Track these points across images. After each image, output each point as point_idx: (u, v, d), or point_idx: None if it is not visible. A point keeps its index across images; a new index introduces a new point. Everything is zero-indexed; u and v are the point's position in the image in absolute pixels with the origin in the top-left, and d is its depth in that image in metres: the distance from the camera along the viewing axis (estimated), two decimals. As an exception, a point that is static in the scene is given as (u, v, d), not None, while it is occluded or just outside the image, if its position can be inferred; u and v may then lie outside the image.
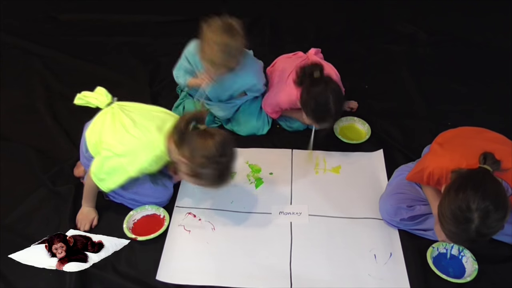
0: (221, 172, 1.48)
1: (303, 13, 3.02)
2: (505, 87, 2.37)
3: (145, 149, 1.55)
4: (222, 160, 1.45)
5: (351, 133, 2.10)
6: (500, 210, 1.24)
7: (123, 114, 1.62)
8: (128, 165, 1.55)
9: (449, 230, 1.32)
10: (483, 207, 1.24)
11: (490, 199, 1.24)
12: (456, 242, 1.38)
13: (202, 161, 1.44)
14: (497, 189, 1.28)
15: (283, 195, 1.83)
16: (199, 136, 1.45)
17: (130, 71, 2.51)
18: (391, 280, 1.53)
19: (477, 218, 1.24)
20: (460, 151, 1.45)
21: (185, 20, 2.97)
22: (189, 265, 1.59)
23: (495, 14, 2.96)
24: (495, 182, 1.29)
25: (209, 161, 1.44)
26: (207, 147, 1.43)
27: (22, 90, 2.38)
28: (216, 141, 1.44)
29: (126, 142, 1.56)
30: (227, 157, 1.47)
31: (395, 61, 2.58)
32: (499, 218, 1.25)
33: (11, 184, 1.87)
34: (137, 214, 1.73)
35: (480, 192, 1.25)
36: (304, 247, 1.64)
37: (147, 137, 1.56)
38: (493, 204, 1.24)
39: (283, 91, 1.98)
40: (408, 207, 1.64)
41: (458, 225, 1.28)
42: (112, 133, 1.59)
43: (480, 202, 1.24)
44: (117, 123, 1.60)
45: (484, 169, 1.32)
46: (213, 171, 1.46)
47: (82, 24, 2.93)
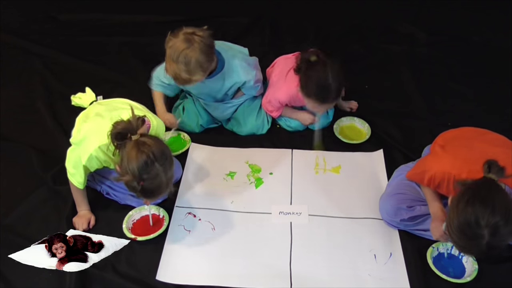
0: (147, 189, 1.44)
1: (303, 13, 3.02)
2: (505, 87, 2.37)
3: (93, 136, 1.56)
4: (145, 177, 1.41)
5: (351, 133, 2.10)
6: (510, 223, 1.23)
7: (92, 108, 1.69)
8: (81, 153, 1.58)
9: (458, 244, 1.31)
10: (493, 223, 1.22)
11: (500, 213, 1.23)
12: (466, 254, 1.37)
13: (125, 176, 1.42)
14: (505, 201, 1.26)
15: (283, 195, 1.83)
16: (129, 147, 1.41)
17: (130, 71, 2.51)
18: (391, 280, 1.54)
19: (488, 235, 1.23)
20: (462, 155, 1.45)
21: (185, 20, 2.92)
22: (189, 265, 1.59)
23: (495, 14, 2.96)
24: (502, 193, 1.28)
25: (132, 177, 1.41)
26: (130, 162, 1.40)
27: (22, 90, 2.38)
28: (141, 158, 1.39)
29: (82, 130, 1.61)
30: (151, 173, 1.41)
31: (395, 61, 2.58)
32: (509, 232, 1.24)
33: (11, 184, 1.87)
34: (137, 214, 1.73)
35: (490, 207, 1.23)
36: (304, 247, 1.64)
37: (98, 124, 1.57)
38: (503, 219, 1.23)
39: (282, 87, 1.99)
40: (408, 208, 1.64)
41: (467, 240, 1.28)
42: (76, 125, 1.67)
43: (490, 218, 1.22)
44: (83, 117, 1.68)
45: (490, 180, 1.30)
46: (135, 184, 1.42)
47: (82, 24, 2.93)
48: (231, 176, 1.91)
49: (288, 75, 1.98)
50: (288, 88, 1.95)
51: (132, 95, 2.34)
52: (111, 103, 1.74)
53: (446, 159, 1.49)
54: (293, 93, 1.94)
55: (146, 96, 2.30)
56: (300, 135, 2.09)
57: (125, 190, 1.71)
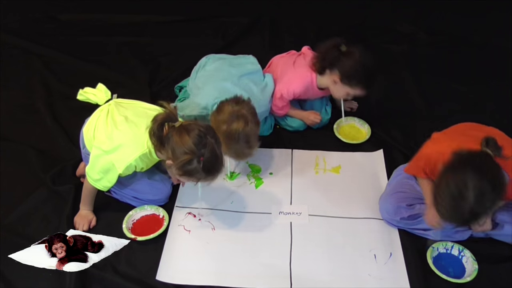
0: (208, 163, 1.47)
1: (303, 13, 3.02)
2: (505, 87, 2.37)
3: (131, 145, 1.56)
4: (203, 151, 1.45)
5: (351, 133, 2.10)
6: (496, 192, 1.25)
7: (117, 111, 1.65)
8: (116, 161, 1.56)
9: (443, 207, 1.32)
10: (479, 185, 1.24)
11: (489, 181, 1.25)
12: (449, 220, 1.36)
13: (185, 158, 1.44)
14: (496, 171, 1.27)
15: (283, 195, 1.83)
16: (176, 134, 1.46)
17: (130, 71, 2.51)
18: (391, 280, 1.53)
19: (472, 197, 1.25)
20: (459, 139, 1.45)
21: (185, 20, 2.97)
22: (189, 265, 1.59)
23: (495, 14, 2.96)
24: (495, 165, 1.29)
25: (191, 155, 1.44)
26: (185, 142, 1.44)
27: (22, 90, 2.39)
28: (193, 134, 1.44)
29: (114, 137, 1.58)
30: (208, 146, 1.46)
31: (395, 61, 2.58)
32: (493, 199, 1.26)
33: (11, 184, 1.87)
34: (136, 214, 1.73)
35: (480, 173, 1.25)
36: (304, 247, 1.64)
37: (134, 133, 1.56)
38: (490, 186, 1.24)
39: (295, 78, 2.00)
40: (408, 206, 1.64)
41: (453, 202, 1.28)
42: (103, 129, 1.62)
43: (478, 182, 1.24)
44: (109, 120, 1.63)
45: (485, 152, 1.31)
46: (196, 163, 1.45)
47: (82, 24, 2.93)
48: (231, 176, 1.91)
49: (296, 68, 2.01)
50: (302, 79, 1.98)
51: (132, 95, 2.34)
52: (136, 107, 1.70)
53: (444, 141, 1.50)
54: (307, 82, 1.97)
55: (146, 96, 2.31)
56: (300, 135, 2.10)
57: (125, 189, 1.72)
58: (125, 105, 1.70)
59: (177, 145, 1.45)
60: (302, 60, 2.05)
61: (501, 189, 1.27)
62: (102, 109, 1.70)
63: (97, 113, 1.70)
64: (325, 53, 1.90)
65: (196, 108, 1.89)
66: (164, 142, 1.48)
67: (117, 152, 1.56)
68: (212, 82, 1.93)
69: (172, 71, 2.49)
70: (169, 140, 1.47)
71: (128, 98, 1.78)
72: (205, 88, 1.92)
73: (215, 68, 2.00)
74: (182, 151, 1.44)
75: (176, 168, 1.48)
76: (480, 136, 1.39)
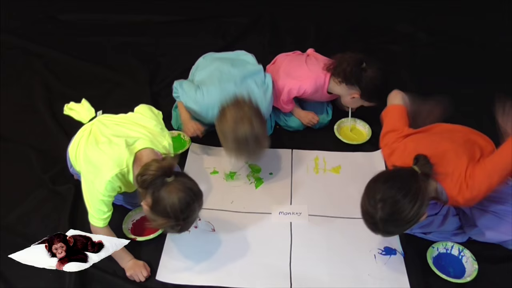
0: (182, 226, 1.42)
1: (303, 13, 3.02)
2: (505, 87, 2.37)
3: (109, 164, 1.47)
4: (185, 217, 1.39)
5: (351, 135, 2.10)
6: (407, 205, 1.30)
7: (99, 129, 1.59)
8: (96, 183, 1.46)
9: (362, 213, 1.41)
10: (386, 197, 1.31)
11: (400, 191, 1.30)
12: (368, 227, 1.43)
13: (163, 222, 1.39)
14: (414, 187, 1.32)
15: (283, 195, 1.83)
16: (165, 191, 1.36)
17: (130, 71, 2.51)
18: (391, 280, 1.54)
19: (380, 209, 1.32)
20: (416, 146, 1.52)
21: (185, 20, 2.97)
22: (189, 265, 1.59)
23: (495, 14, 2.96)
24: (417, 182, 1.33)
25: (171, 221, 1.38)
26: (169, 203, 1.36)
27: (22, 90, 2.39)
28: (182, 198, 1.36)
29: (96, 155, 1.50)
30: (190, 215, 1.40)
31: (395, 61, 2.58)
32: (407, 212, 1.31)
33: (11, 184, 1.87)
34: (136, 215, 1.73)
35: (390, 184, 1.33)
36: (304, 247, 1.64)
37: (114, 153, 1.48)
38: (401, 196, 1.30)
39: (308, 77, 2.00)
40: None
41: (364, 213, 1.39)
42: (85, 149, 1.55)
43: (386, 192, 1.32)
44: (91, 139, 1.57)
45: (411, 170, 1.37)
46: (173, 224, 1.40)
47: (82, 24, 2.93)
48: (231, 176, 1.91)
49: (309, 66, 2.02)
50: (316, 79, 1.98)
51: (132, 95, 2.35)
52: (120, 125, 1.62)
53: (411, 142, 1.57)
54: (320, 84, 1.98)
55: (146, 96, 2.31)
56: (300, 135, 2.10)
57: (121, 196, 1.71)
58: (108, 123, 1.62)
59: (162, 202, 1.36)
60: (314, 61, 2.06)
61: (416, 204, 1.31)
62: (84, 129, 1.64)
63: (80, 133, 1.64)
64: (346, 67, 1.89)
65: (195, 108, 1.91)
66: (148, 188, 1.38)
67: (96, 171, 1.48)
68: (214, 84, 1.91)
69: (172, 71, 2.49)
70: (153, 190, 1.37)
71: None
72: (207, 90, 1.90)
73: (215, 68, 1.98)
74: (163, 209, 1.36)
75: (151, 214, 1.41)
76: (437, 144, 1.49)
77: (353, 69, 1.89)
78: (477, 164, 1.44)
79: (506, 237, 1.54)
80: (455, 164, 1.44)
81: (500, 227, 1.53)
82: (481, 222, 1.56)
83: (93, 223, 1.52)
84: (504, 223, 1.53)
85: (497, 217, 1.54)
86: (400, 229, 1.41)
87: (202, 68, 2.05)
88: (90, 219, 1.52)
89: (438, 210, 1.64)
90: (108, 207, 1.51)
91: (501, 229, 1.53)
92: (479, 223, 1.56)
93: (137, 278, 1.54)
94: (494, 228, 1.54)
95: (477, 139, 1.59)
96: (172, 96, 2.11)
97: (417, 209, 1.31)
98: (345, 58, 1.92)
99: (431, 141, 1.54)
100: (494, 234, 1.54)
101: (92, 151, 1.52)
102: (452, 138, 1.56)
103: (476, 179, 1.41)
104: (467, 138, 1.57)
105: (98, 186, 1.46)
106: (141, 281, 1.53)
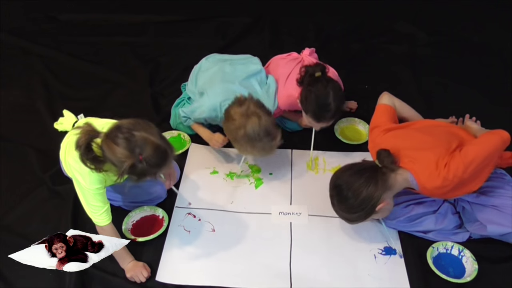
0: (151, 157, 1.37)
1: (303, 13, 3.02)
2: (505, 87, 2.37)
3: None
4: (138, 150, 1.35)
5: (351, 134, 2.10)
6: (350, 199, 1.47)
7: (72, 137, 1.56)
8: (82, 181, 1.48)
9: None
10: (341, 182, 1.50)
11: (351, 178, 1.47)
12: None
13: (125, 166, 1.35)
14: (369, 181, 1.45)
15: (283, 195, 1.83)
16: (105, 148, 1.36)
17: (130, 71, 2.51)
18: (391, 280, 1.54)
19: (332, 190, 1.54)
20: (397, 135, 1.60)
21: (185, 20, 2.97)
22: (188, 265, 1.59)
23: (495, 14, 2.96)
24: (373, 172, 1.47)
25: (130, 161, 1.34)
26: (116, 153, 1.34)
27: (22, 90, 2.39)
28: (119, 140, 1.34)
29: (74, 156, 1.47)
30: (139, 144, 1.35)
31: (395, 61, 2.58)
32: (346, 199, 1.49)
33: (11, 184, 1.87)
34: (136, 215, 1.73)
35: (347, 174, 1.50)
36: (304, 247, 1.64)
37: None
38: (345, 186, 1.48)
39: (282, 93, 1.97)
40: (404, 208, 1.64)
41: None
42: (65, 155, 1.56)
43: (338, 180, 1.52)
44: (71, 142, 1.54)
45: (372, 163, 1.52)
46: (142, 163, 1.36)
47: (82, 24, 2.93)
48: (231, 176, 1.91)
49: (288, 81, 1.97)
50: (288, 95, 1.94)
51: (132, 95, 2.35)
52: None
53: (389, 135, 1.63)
54: (292, 100, 1.92)
55: (146, 96, 2.31)
56: (300, 135, 2.09)
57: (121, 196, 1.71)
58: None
59: (113, 158, 1.35)
60: (297, 72, 1.97)
61: (364, 191, 1.45)
62: (70, 135, 1.63)
63: (65, 139, 1.64)
64: (304, 71, 1.84)
65: (205, 111, 1.88)
66: (100, 161, 1.40)
67: (77, 172, 1.48)
68: (217, 83, 1.90)
69: (172, 71, 2.49)
70: (103, 157, 1.38)
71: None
72: (211, 90, 1.89)
73: (218, 69, 1.97)
74: (119, 161, 1.35)
75: (127, 176, 1.42)
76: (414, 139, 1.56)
77: (305, 71, 1.82)
78: (452, 154, 1.48)
79: (508, 229, 1.54)
80: (427, 154, 1.49)
81: (501, 220, 1.54)
82: (482, 216, 1.56)
83: (97, 223, 1.53)
84: (504, 216, 1.53)
85: (497, 210, 1.54)
86: (352, 212, 1.51)
87: (204, 70, 2.03)
88: (93, 220, 1.53)
89: (436, 208, 1.64)
90: (103, 200, 1.51)
91: (502, 221, 1.54)
92: (480, 217, 1.57)
93: (138, 279, 1.53)
94: (495, 221, 1.54)
95: (458, 131, 1.61)
96: (172, 96, 2.12)
97: (367, 194, 1.45)
98: (309, 66, 1.86)
99: (410, 136, 1.59)
100: (495, 227, 1.54)
101: (71, 151, 1.50)
102: (431, 131, 1.60)
103: (449, 168, 1.44)
104: (447, 131, 1.61)
105: (84, 182, 1.48)
106: (142, 281, 1.53)
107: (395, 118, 1.74)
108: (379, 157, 1.50)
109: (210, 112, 1.87)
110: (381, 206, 1.47)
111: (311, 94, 1.76)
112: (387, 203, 1.49)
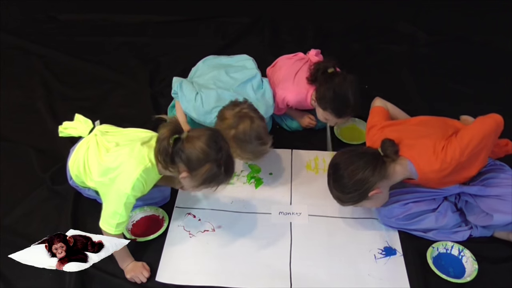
0: (225, 165, 1.44)
1: (303, 13, 3.02)
2: (505, 87, 2.37)
3: (132, 162, 1.47)
4: (220, 155, 1.42)
5: (352, 134, 2.10)
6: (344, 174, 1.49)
7: (105, 139, 1.58)
8: (121, 184, 1.46)
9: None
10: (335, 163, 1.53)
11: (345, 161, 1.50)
12: None
13: (206, 167, 1.41)
14: (361, 165, 1.48)
15: (283, 195, 1.83)
16: (188, 144, 1.40)
17: (130, 71, 2.51)
18: (391, 280, 1.54)
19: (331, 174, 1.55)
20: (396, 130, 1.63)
21: (185, 20, 2.97)
22: (189, 265, 1.59)
23: (495, 14, 2.96)
24: (370, 161, 1.48)
25: (208, 161, 1.41)
26: (200, 150, 1.40)
27: (22, 90, 2.39)
28: (205, 139, 1.41)
29: (113, 159, 1.50)
30: (223, 148, 1.44)
31: (395, 61, 2.58)
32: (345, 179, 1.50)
33: (11, 184, 1.87)
34: (136, 216, 1.73)
35: (349, 158, 1.51)
36: (304, 247, 1.64)
37: (133, 151, 1.49)
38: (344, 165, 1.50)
39: (291, 90, 1.98)
40: (402, 206, 1.64)
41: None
42: (96, 161, 1.54)
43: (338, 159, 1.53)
44: (101, 149, 1.56)
45: (375, 150, 1.53)
46: (216, 168, 1.43)
47: (82, 24, 2.93)
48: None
49: (296, 78, 1.98)
50: (298, 92, 1.95)
51: (132, 95, 2.36)
52: (124, 133, 1.63)
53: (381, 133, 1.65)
54: (301, 98, 1.94)
55: (146, 96, 2.31)
56: (300, 135, 2.10)
57: None
58: (113, 132, 1.63)
59: (192, 155, 1.40)
60: (305, 70, 2.00)
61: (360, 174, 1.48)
62: (88, 141, 1.60)
63: (83, 145, 1.60)
64: (314, 69, 1.86)
65: (199, 115, 1.88)
66: (174, 156, 1.42)
67: (120, 173, 1.47)
68: (211, 90, 1.89)
69: (172, 71, 2.48)
70: (179, 153, 1.41)
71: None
72: (206, 97, 1.88)
73: (212, 77, 1.97)
74: (198, 159, 1.40)
75: (194, 179, 1.44)
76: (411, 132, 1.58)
77: (317, 68, 1.84)
78: (448, 139, 1.51)
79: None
80: (425, 141, 1.52)
81: (506, 208, 1.53)
82: (487, 206, 1.56)
83: (104, 229, 1.50)
84: (507, 204, 1.53)
85: (501, 199, 1.55)
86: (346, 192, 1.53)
87: (199, 75, 2.03)
88: (101, 225, 1.50)
89: (436, 206, 1.64)
90: (127, 212, 1.49)
91: (507, 210, 1.53)
92: (485, 208, 1.56)
93: (138, 279, 1.53)
94: (500, 209, 1.54)
95: (454, 123, 1.65)
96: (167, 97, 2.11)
97: (363, 177, 1.47)
98: (321, 61, 1.89)
99: (408, 129, 1.62)
100: (501, 215, 1.54)
101: (108, 157, 1.52)
102: (427, 123, 1.65)
103: (446, 151, 1.48)
104: (443, 121, 1.65)
105: (124, 187, 1.45)
106: (142, 282, 1.53)
107: (389, 119, 1.76)
108: (383, 146, 1.52)
109: (199, 117, 1.88)
110: (374, 193, 1.50)
111: (330, 90, 1.78)
112: (381, 192, 1.51)
